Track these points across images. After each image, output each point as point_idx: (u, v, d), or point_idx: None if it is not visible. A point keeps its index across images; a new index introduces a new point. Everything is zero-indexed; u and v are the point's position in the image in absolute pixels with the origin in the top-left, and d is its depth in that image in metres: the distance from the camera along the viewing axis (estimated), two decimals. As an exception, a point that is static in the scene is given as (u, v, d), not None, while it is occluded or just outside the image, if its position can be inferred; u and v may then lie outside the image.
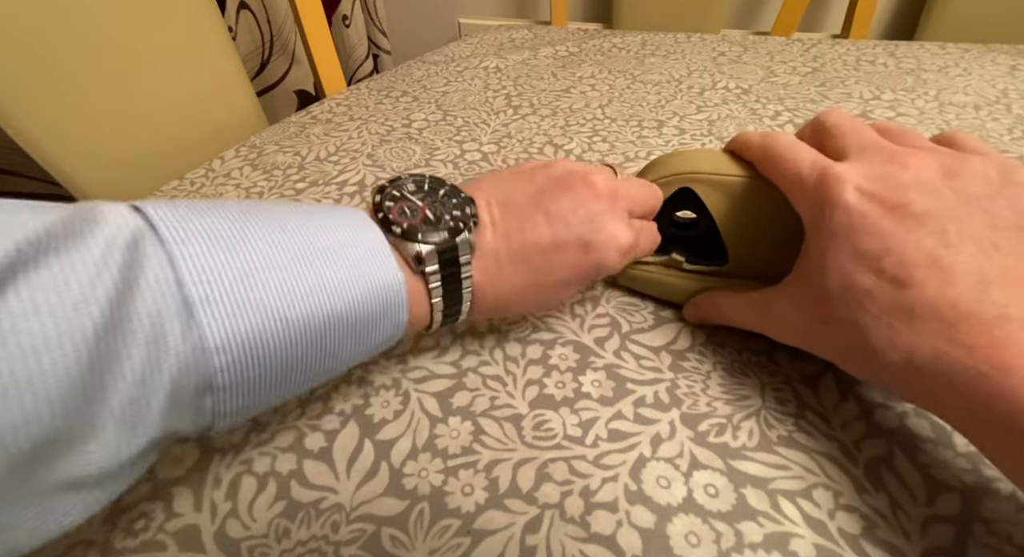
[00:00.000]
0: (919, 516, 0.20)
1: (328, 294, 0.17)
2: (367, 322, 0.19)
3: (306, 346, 0.17)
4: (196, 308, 0.14)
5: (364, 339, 0.19)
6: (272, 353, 0.16)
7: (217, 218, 0.16)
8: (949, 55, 0.59)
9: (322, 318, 0.17)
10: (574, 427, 0.23)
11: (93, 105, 0.49)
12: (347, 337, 0.18)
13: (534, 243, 0.22)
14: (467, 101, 0.54)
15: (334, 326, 0.17)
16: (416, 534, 0.20)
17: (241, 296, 0.15)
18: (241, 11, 0.84)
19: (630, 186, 0.24)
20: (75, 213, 0.14)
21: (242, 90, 0.62)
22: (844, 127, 0.22)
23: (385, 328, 0.20)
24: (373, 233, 0.20)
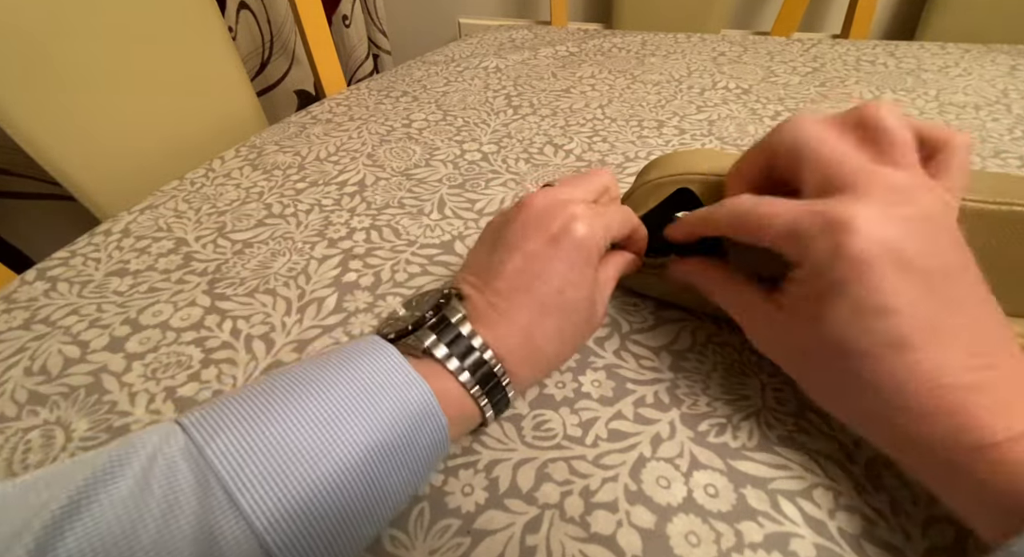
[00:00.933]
0: (919, 516, 0.20)
1: (355, 432, 0.17)
2: (405, 441, 0.18)
3: (353, 494, 0.17)
4: (235, 494, 0.15)
5: (409, 459, 0.18)
6: (322, 514, 0.16)
7: (239, 404, 0.17)
8: (949, 55, 0.59)
9: (358, 459, 0.17)
10: (574, 427, 0.23)
11: (93, 105, 0.50)
12: (391, 464, 0.18)
13: (511, 272, 0.22)
14: (467, 101, 0.54)
15: (374, 460, 0.17)
16: (416, 534, 0.20)
17: (273, 470, 0.16)
18: (241, 11, 0.84)
19: (565, 184, 0.24)
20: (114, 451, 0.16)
21: (242, 90, 0.62)
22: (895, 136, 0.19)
23: (425, 437, 0.19)
24: (386, 352, 0.19)
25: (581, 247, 0.22)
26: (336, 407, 0.17)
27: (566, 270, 0.22)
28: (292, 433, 0.16)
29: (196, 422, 0.16)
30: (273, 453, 0.16)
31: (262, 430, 0.16)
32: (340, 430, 0.17)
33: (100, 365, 0.27)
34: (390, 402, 0.18)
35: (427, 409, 0.19)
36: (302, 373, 0.18)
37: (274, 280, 0.32)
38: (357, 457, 0.17)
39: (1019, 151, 0.41)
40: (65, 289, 0.32)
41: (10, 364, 0.28)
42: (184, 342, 0.28)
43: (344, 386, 0.18)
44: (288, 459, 0.16)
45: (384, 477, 0.17)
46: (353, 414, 0.17)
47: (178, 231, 0.37)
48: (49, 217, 0.72)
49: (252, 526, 0.15)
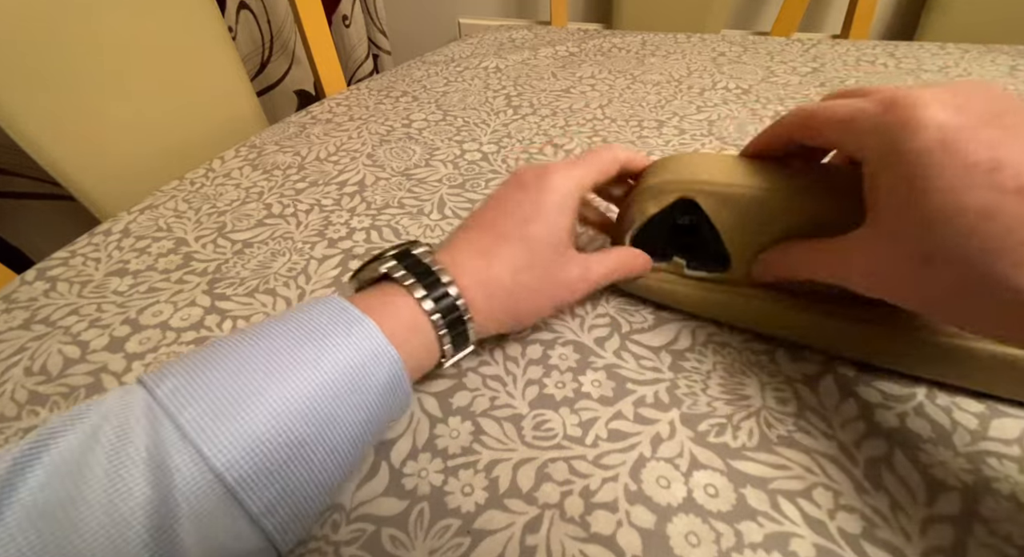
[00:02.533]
0: (919, 516, 0.20)
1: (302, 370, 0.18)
2: (355, 376, 0.18)
3: (305, 428, 0.17)
4: (183, 425, 0.16)
5: (363, 394, 0.19)
6: (274, 445, 0.16)
7: (191, 356, 0.18)
8: (949, 55, 0.59)
9: (306, 394, 0.17)
10: (574, 427, 0.23)
11: (93, 105, 0.50)
12: (344, 399, 0.18)
13: (480, 215, 0.24)
14: (467, 101, 0.54)
15: (324, 395, 0.18)
16: (416, 534, 0.20)
17: (220, 404, 0.16)
18: (241, 11, 0.84)
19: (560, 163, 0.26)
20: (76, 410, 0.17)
21: (242, 90, 0.62)
22: (873, 87, 0.20)
23: (380, 372, 0.19)
24: (331, 300, 0.20)
25: (551, 189, 0.23)
26: (281, 349, 0.18)
27: (531, 207, 0.23)
28: (238, 372, 0.17)
29: (149, 374, 0.17)
30: (219, 390, 0.16)
31: (209, 371, 0.17)
32: (286, 368, 0.17)
33: (100, 365, 0.27)
34: (335, 340, 0.19)
35: (376, 346, 0.19)
36: (252, 327, 0.19)
37: (274, 280, 0.32)
38: (306, 392, 0.17)
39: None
40: (65, 289, 0.32)
41: (10, 364, 0.28)
42: (184, 342, 0.28)
43: (290, 331, 0.19)
44: (235, 395, 0.16)
45: (337, 412, 0.18)
46: (298, 354, 0.18)
47: (178, 231, 0.37)
48: (49, 217, 0.72)
49: (202, 453, 0.15)
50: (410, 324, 0.21)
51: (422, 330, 0.21)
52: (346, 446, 0.18)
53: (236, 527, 0.16)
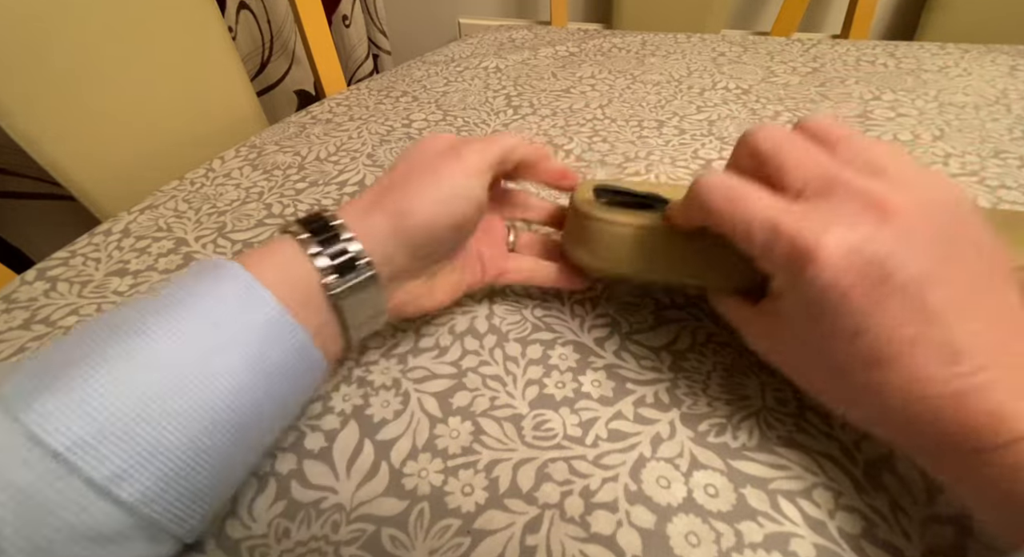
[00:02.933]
0: (919, 516, 0.20)
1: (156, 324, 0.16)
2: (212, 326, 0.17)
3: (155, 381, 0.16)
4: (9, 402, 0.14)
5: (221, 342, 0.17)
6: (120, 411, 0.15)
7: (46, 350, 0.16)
8: (949, 55, 0.59)
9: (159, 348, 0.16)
10: (574, 427, 0.23)
11: (93, 105, 0.50)
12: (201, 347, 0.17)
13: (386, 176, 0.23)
14: (467, 101, 0.54)
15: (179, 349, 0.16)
16: (416, 534, 0.20)
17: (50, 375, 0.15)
18: (241, 11, 0.84)
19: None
20: None
21: (242, 90, 0.62)
22: (785, 155, 0.19)
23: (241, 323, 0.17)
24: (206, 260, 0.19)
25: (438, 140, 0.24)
26: (128, 310, 0.17)
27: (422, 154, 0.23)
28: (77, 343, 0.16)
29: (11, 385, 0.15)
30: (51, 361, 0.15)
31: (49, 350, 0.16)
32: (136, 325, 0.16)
33: (100, 365, 0.27)
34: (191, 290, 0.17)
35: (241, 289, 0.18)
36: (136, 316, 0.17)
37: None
38: (155, 347, 0.16)
39: (1019, 151, 0.41)
40: (65, 289, 0.32)
41: (10, 364, 0.28)
42: (184, 342, 0.28)
43: (143, 294, 0.18)
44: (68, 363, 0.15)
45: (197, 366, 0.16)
46: (145, 309, 0.17)
47: (178, 231, 0.37)
48: (49, 217, 0.72)
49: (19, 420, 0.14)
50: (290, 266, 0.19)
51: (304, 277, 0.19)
52: (212, 398, 0.16)
53: (83, 500, 0.14)
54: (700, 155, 0.42)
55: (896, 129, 0.45)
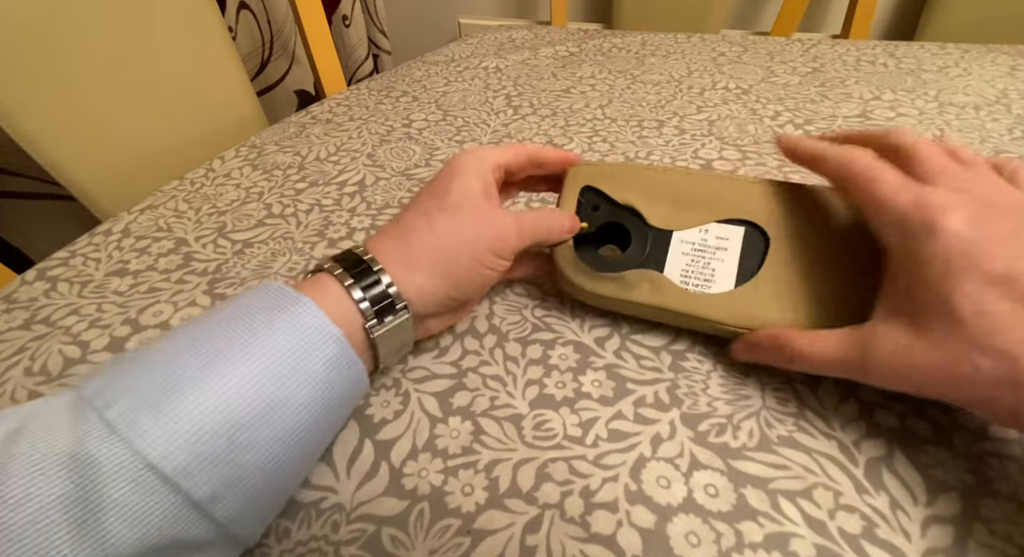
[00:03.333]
0: (919, 516, 0.20)
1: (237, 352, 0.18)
2: (295, 354, 0.18)
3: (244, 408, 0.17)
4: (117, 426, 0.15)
5: (303, 372, 0.18)
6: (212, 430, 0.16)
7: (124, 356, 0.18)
8: (949, 55, 0.59)
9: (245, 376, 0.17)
10: (574, 427, 0.23)
11: (93, 105, 0.50)
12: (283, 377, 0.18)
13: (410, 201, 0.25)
14: (467, 101, 0.54)
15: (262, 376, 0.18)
16: (416, 534, 0.20)
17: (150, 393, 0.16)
18: (241, 11, 0.84)
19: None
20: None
21: (242, 90, 0.62)
22: (922, 153, 0.21)
23: (321, 350, 0.19)
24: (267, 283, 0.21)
25: (457, 164, 0.25)
26: (214, 336, 0.18)
27: (444, 181, 0.24)
28: (169, 363, 0.17)
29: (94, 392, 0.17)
30: (149, 381, 0.17)
31: (139, 366, 0.17)
32: (219, 353, 0.18)
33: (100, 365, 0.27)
34: (268, 319, 0.19)
35: (314, 323, 0.19)
36: (187, 320, 0.20)
37: (274, 280, 0.32)
38: (241, 375, 0.17)
39: (1019, 151, 0.41)
40: (65, 289, 0.32)
41: (10, 364, 0.28)
42: (184, 342, 0.28)
43: (224, 317, 0.19)
44: (165, 385, 0.16)
45: (278, 392, 0.18)
46: (232, 337, 0.18)
47: (178, 231, 0.37)
48: (49, 217, 0.72)
49: (131, 446, 0.15)
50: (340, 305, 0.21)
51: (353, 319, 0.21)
52: (293, 427, 0.18)
53: (182, 516, 0.16)
54: (700, 155, 0.42)
55: (896, 129, 0.45)
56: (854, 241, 0.24)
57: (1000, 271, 0.17)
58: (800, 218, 0.25)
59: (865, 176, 0.21)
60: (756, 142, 0.44)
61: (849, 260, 0.24)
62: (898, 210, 0.20)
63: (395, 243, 0.23)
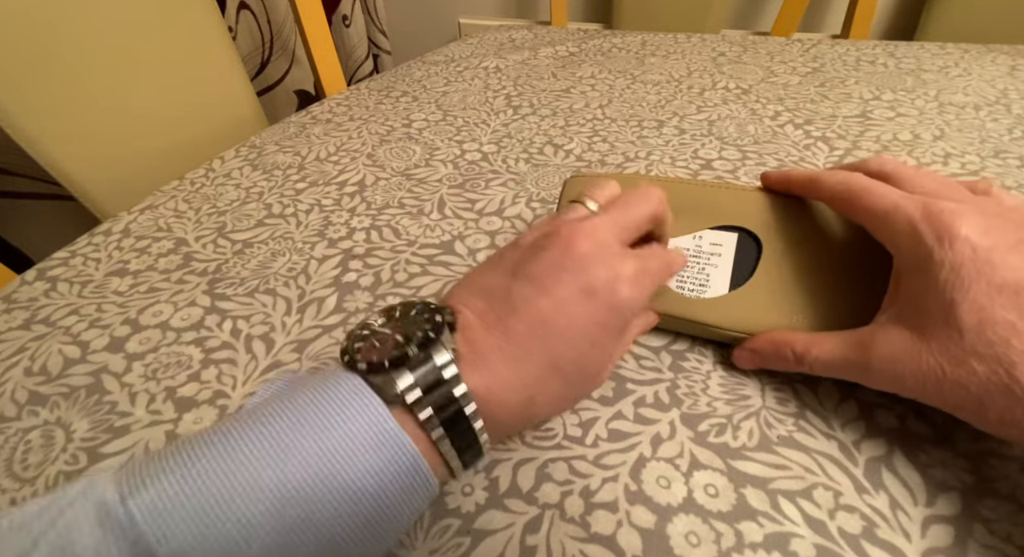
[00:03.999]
0: (919, 516, 0.20)
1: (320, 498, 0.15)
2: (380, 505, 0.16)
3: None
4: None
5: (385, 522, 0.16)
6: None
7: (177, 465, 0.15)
8: (949, 55, 0.59)
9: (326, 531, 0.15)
10: (574, 427, 0.23)
11: (93, 105, 0.50)
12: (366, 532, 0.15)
13: (534, 314, 0.18)
14: (467, 101, 0.54)
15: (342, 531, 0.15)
16: (416, 534, 0.20)
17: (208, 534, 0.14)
18: (241, 11, 0.84)
19: (611, 215, 0.21)
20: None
21: (242, 90, 0.62)
22: (908, 174, 0.22)
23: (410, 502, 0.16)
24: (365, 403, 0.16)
25: (620, 312, 0.19)
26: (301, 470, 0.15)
27: (596, 333, 0.19)
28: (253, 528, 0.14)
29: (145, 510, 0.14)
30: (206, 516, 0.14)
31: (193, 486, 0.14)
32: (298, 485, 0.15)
33: (100, 365, 0.27)
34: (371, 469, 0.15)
35: (413, 471, 0.16)
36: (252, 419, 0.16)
37: (274, 280, 0.32)
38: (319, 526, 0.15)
39: (1019, 151, 0.41)
40: (65, 289, 0.32)
41: (10, 364, 0.28)
42: (184, 342, 0.28)
43: (312, 443, 0.15)
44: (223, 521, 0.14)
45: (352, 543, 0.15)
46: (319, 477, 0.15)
47: (178, 231, 0.37)
48: (49, 217, 0.72)
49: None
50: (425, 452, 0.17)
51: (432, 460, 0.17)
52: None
53: None
54: (700, 155, 0.42)
55: (896, 129, 0.45)
56: (846, 246, 0.24)
57: (1009, 280, 0.17)
58: (792, 224, 0.26)
59: (867, 190, 0.21)
60: (756, 142, 0.44)
61: (841, 265, 0.24)
62: (907, 218, 0.20)
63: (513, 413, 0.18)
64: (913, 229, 0.19)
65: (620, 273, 0.19)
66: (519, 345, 0.18)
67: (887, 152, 0.41)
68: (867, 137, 0.44)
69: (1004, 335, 0.17)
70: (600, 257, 0.19)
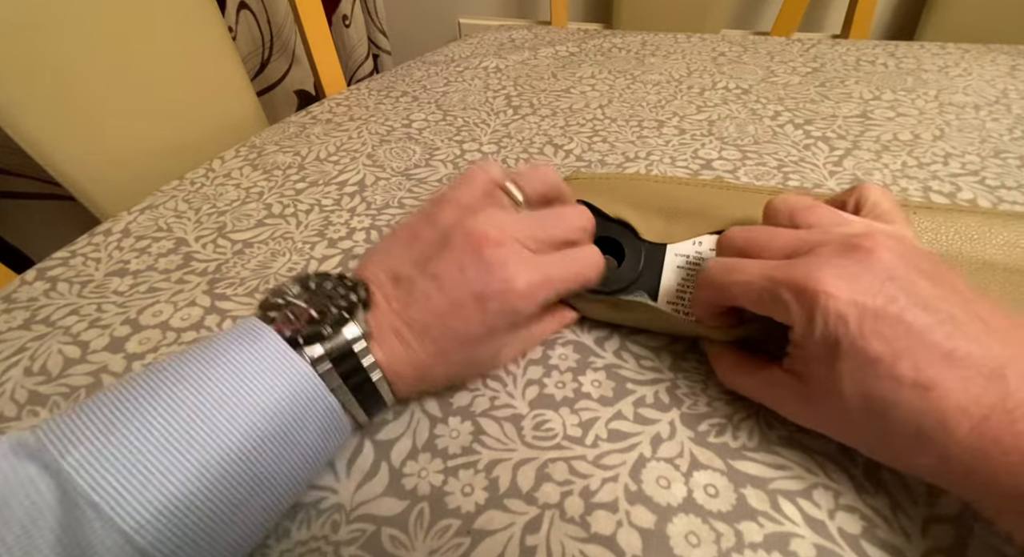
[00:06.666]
0: (919, 516, 0.20)
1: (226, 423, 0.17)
2: (286, 428, 0.18)
3: (229, 487, 0.16)
4: (99, 504, 0.15)
5: (294, 446, 0.18)
6: (196, 509, 0.16)
7: (98, 409, 0.16)
8: (949, 55, 0.59)
9: (232, 450, 0.16)
10: (574, 427, 0.23)
11: (93, 105, 0.49)
12: (271, 453, 0.17)
13: (431, 312, 0.21)
14: (467, 101, 0.54)
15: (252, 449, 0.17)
16: (416, 534, 0.20)
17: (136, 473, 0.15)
18: (241, 11, 0.84)
19: (529, 222, 0.23)
20: None
21: (242, 90, 0.62)
22: (759, 238, 0.21)
23: (312, 423, 0.18)
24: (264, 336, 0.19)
25: (510, 314, 0.21)
26: (204, 399, 0.17)
27: (484, 334, 0.21)
28: (154, 433, 0.16)
29: (51, 433, 0.16)
30: (135, 456, 0.15)
31: (122, 433, 0.16)
32: (210, 423, 0.16)
33: (100, 365, 0.27)
34: (266, 389, 0.17)
35: (312, 393, 0.18)
36: (171, 366, 0.18)
37: (274, 280, 0.32)
38: (231, 448, 0.16)
39: (1019, 151, 0.41)
40: (65, 289, 0.32)
41: (10, 364, 0.28)
42: (184, 342, 0.28)
43: (216, 376, 0.17)
44: (151, 459, 0.15)
45: (264, 466, 0.17)
46: (223, 405, 0.17)
47: (178, 231, 0.37)
48: (49, 217, 0.72)
49: (123, 532, 0.15)
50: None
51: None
52: (276, 498, 0.18)
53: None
54: (700, 155, 0.42)
55: (896, 129, 0.45)
56: None
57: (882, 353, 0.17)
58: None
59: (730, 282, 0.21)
60: (756, 142, 0.44)
61: None
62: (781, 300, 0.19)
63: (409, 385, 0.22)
64: (788, 310, 0.19)
65: (515, 286, 0.21)
66: (416, 333, 0.21)
67: (887, 152, 0.41)
68: (867, 137, 0.44)
69: (885, 411, 0.17)
70: (501, 264, 0.21)
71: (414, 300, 0.21)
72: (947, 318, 0.17)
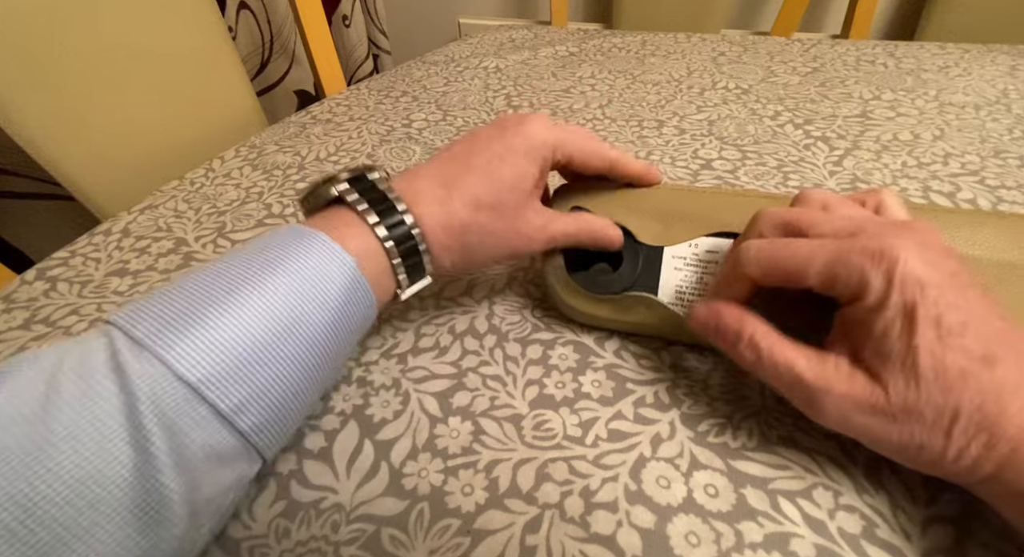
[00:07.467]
0: (919, 516, 0.20)
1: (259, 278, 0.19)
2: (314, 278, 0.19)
3: (269, 326, 0.18)
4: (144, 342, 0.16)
5: (321, 295, 0.19)
6: (240, 350, 0.17)
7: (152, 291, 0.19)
8: (949, 55, 0.59)
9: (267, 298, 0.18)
10: (574, 427, 0.23)
11: (93, 105, 0.49)
12: (303, 300, 0.19)
13: (457, 143, 0.24)
14: (467, 101, 0.54)
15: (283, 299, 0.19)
16: (416, 534, 0.20)
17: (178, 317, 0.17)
18: (241, 11, 0.84)
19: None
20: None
21: (242, 90, 0.62)
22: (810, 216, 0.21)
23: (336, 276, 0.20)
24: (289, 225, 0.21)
25: (526, 134, 0.24)
26: (237, 265, 0.19)
27: (502, 147, 0.23)
28: (193, 290, 0.18)
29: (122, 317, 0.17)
30: (175, 305, 0.17)
31: (165, 294, 0.18)
32: (241, 280, 0.18)
33: (100, 365, 0.27)
34: (289, 251, 0.20)
35: (330, 252, 0.20)
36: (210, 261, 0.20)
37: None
38: (264, 297, 0.18)
39: (1019, 151, 0.41)
40: (65, 289, 0.32)
41: (10, 364, 0.28)
42: (184, 342, 0.28)
43: (245, 252, 0.20)
44: (190, 307, 0.17)
45: (297, 313, 0.19)
46: (254, 267, 0.19)
47: (178, 231, 0.37)
48: (49, 217, 0.72)
49: (160, 358, 0.16)
50: (363, 249, 0.21)
51: (375, 256, 0.21)
52: (311, 347, 0.19)
53: (209, 426, 0.17)
54: (700, 155, 0.42)
55: (896, 129, 0.45)
56: None
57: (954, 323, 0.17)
58: None
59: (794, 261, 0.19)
60: (756, 142, 0.44)
61: None
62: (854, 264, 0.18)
63: (433, 209, 0.22)
64: (861, 273, 0.18)
65: (531, 116, 0.24)
66: (437, 163, 0.24)
67: (887, 152, 0.41)
68: (867, 137, 0.44)
69: (953, 383, 0.16)
70: (517, 114, 0.25)
71: (442, 151, 0.25)
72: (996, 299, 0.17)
